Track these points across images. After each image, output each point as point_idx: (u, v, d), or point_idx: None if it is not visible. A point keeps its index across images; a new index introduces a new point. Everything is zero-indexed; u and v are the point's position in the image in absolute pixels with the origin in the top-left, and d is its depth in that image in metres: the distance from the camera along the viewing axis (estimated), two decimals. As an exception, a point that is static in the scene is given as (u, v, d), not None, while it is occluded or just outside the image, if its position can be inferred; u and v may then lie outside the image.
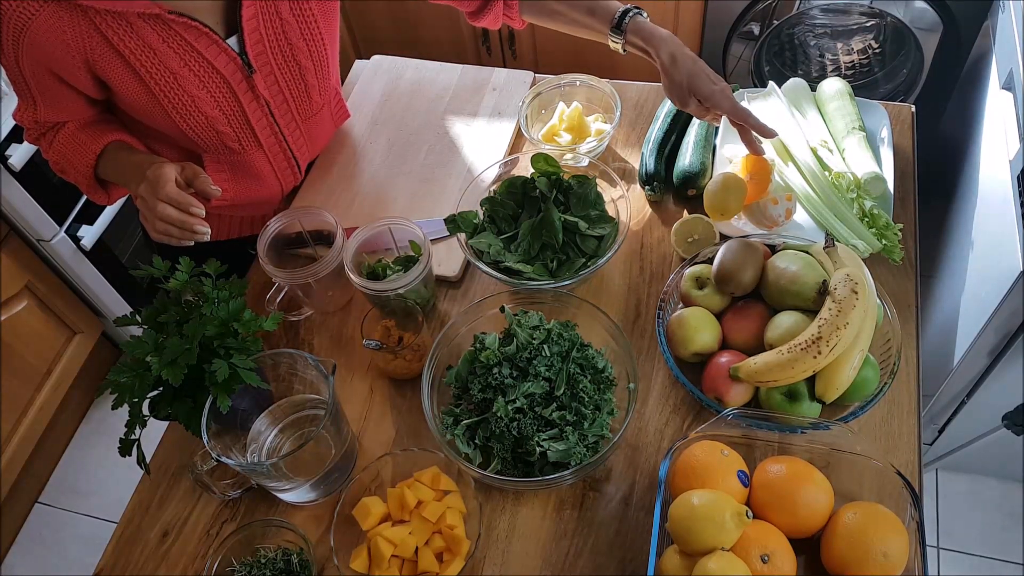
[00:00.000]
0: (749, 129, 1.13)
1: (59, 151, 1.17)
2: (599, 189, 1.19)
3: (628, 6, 1.20)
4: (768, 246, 1.10)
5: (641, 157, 1.29)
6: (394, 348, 1.10)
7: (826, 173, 1.19)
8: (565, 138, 1.33)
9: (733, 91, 1.33)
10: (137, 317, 1.04)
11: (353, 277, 1.10)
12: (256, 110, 1.18)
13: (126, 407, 0.97)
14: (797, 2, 1.98)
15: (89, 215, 2.00)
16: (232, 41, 1.11)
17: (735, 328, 1.06)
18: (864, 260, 1.07)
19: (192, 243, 1.05)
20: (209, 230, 1.04)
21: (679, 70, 1.13)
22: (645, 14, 1.20)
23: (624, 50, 1.21)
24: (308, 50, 1.18)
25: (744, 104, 1.29)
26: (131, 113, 1.15)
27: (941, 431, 1.76)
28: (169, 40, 1.05)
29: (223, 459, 0.94)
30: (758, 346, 1.04)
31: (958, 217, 1.75)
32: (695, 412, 1.07)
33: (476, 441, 1.00)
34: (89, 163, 1.15)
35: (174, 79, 1.08)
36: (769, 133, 1.13)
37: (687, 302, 1.10)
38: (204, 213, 1.03)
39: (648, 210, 1.28)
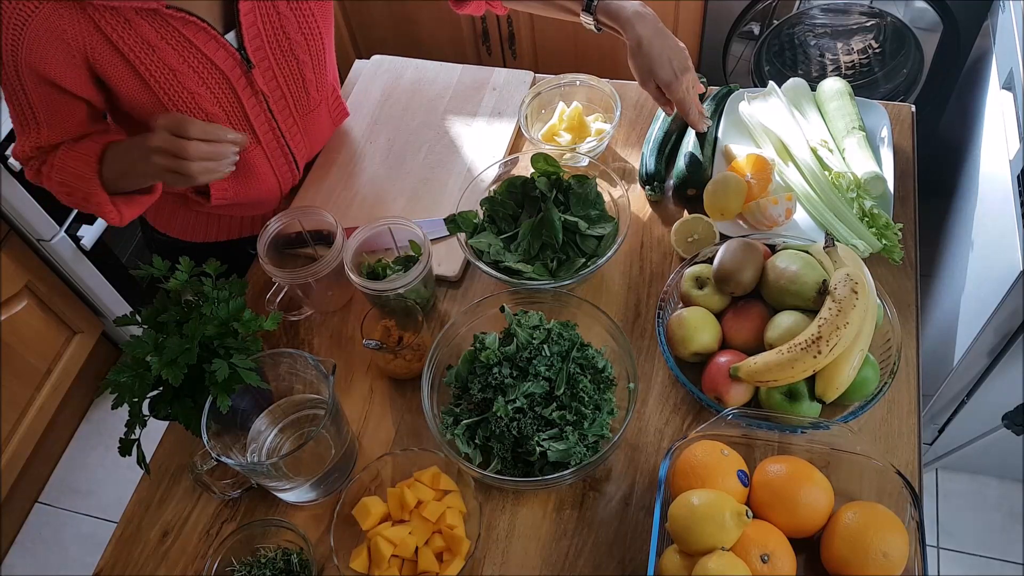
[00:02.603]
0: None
1: (60, 167, 1.12)
2: (599, 189, 1.19)
3: None
4: (768, 246, 1.10)
5: (641, 157, 1.29)
6: (394, 348, 1.10)
7: (826, 173, 1.19)
8: (565, 138, 1.33)
9: (732, 91, 1.34)
10: (137, 317, 1.03)
11: (353, 277, 1.10)
12: (255, 106, 1.18)
13: (126, 407, 0.97)
14: (797, 2, 1.98)
15: (89, 215, 2.00)
16: (230, 36, 1.11)
17: (735, 328, 1.06)
18: (864, 260, 1.07)
19: (233, 168, 1.05)
20: (244, 136, 1.04)
21: (642, 54, 1.15)
22: None
23: (599, 29, 1.22)
24: (306, 44, 1.18)
25: (743, 103, 1.30)
26: (133, 114, 1.15)
27: (941, 431, 1.76)
28: (167, 36, 1.05)
29: (223, 459, 0.94)
30: (758, 346, 1.04)
31: (958, 217, 1.75)
32: (695, 412, 1.07)
33: (476, 441, 1.00)
34: (93, 169, 1.11)
35: (173, 76, 1.08)
36: (698, 128, 1.19)
37: (687, 302, 1.10)
38: (231, 131, 1.03)
39: (648, 210, 1.28)
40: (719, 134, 1.30)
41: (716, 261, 1.07)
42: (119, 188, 1.14)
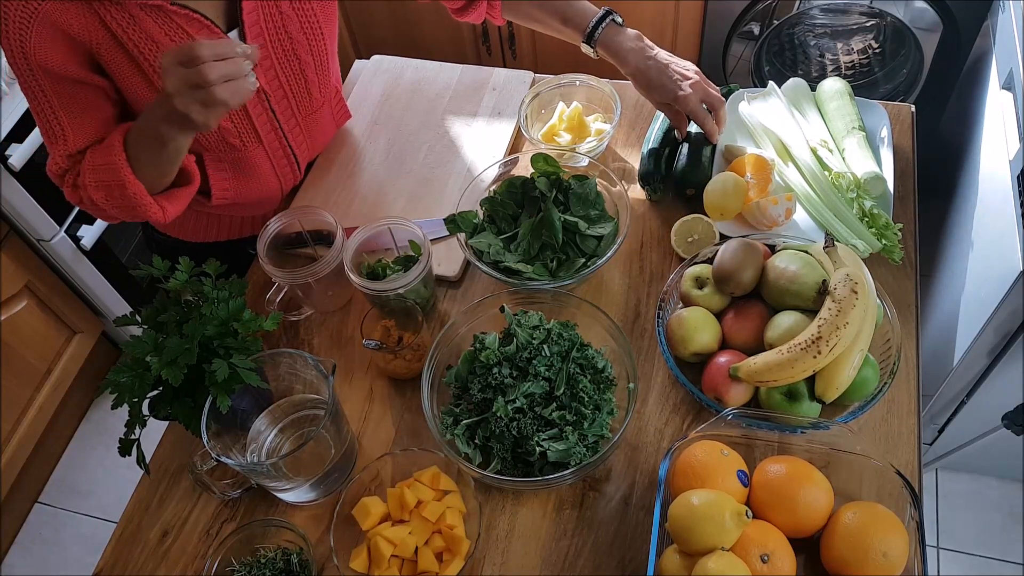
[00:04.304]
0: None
1: (91, 168, 1.07)
2: (599, 189, 1.19)
3: (600, 14, 1.24)
4: (768, 246, 1.10)
5: (641, 157, 1.29)
6: (394, 348, 1.10)
7: (826, 173, 1.19)
8: (565, 138, 1.33)
9: (732, 91, 1.34)
10: (137, 317, 1.04)
11: (353, 277, 1.10)
12: (256, 104, 1.18)
13: (126, 407, 0.97)
14: (797, 2, 1.98)
15: (89, 215, 2.00)
16: (232, 35, 1.11)
17: (735, 328, 1.06)
18: (864, 260, 1.07)
19: (256, 86, 0.95)
20: (255, 47, 0.95)
21: (641, 84, 1.24)
22: (620, 19, 1.25)
23: (597, 56, 1.28)
24: (308, 44, 1.18)
25: (743, 104, 1.30)
26: (136, 109, 1.14)
27: (941, 431, 1.76)
28: (171, 33, 1.05)
29: (223, 459, 0.94)
30: (758, 346, 1.04)
31: (958, 217, 1.75)
32: (695, 412, 1.07)
33: (476, 441, 1.00)
34: (120, 156, 1.04)
35: None
36: (712, 140, 1.24)
37: (687, 302, 1.10)
38: (238, 43, 0.95)
39: (648, 210, 1.28)
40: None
41: (716, 261, 1.07)
42: (155, 176, 1.08)
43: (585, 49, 1.27)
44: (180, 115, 0.94)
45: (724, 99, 1.24)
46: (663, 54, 1.23)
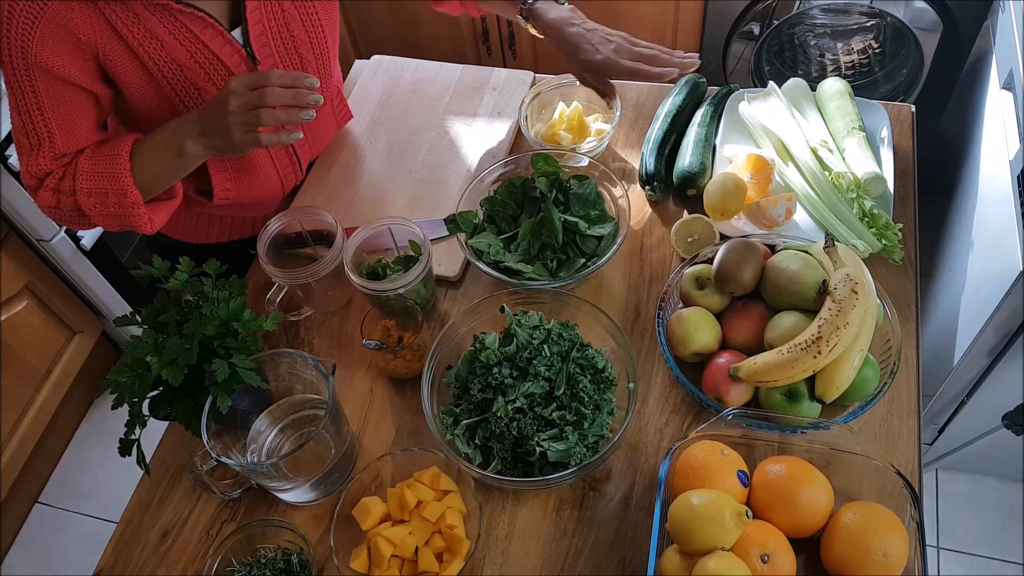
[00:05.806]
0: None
1: (88, 172, 1.07)
2: (599, 189, 1.19)
3: None
4: (768, 246, 1.10)
5: (641, 157, 1.29)
6: (394, 348, 1.10)
7: (826, 173, 1.19)
8: (565, 138, 1.33)
9: (732, 91, 1.33)
10: (137, 317, 1.04)
11: (353, 277, 1.10)
12: None
13: (126, 407, 0.97)
14: (797, 2, 1.98)
15: (89, 215, 2.00)
16: (236, 33, 1.12)
17: (735, 328, 1.06)
18: (864, 260, 1.07)
19: (312, 116, 0.99)
20: (317, 79, 0.99)
21: (566, 55, 1.18)
22: None
23: (535, 31, 1.22)
24: (310, 43, 1.18)
25: (743, 104, 1.30)
26: (138, 109, 1.14)
27: (941, 431, 1.76)
28: (175, 31, 1.05)
29: (223, 459, 0.94)
30: (758, 346, 1.04)
31: (958, 217, 1.75)
32: (695, 412, 1.07)
33: (476, 441, 1.00)
34: (125, 166, 1.06)
35: (180, 71, 1.08)
36: (660, 79, 1.11)
37: (687, 302, 1.10)
38: (306, 75, 1.00)
39: (648, 210, 1.28)
40: (719, 135, 1.30)
41: (716, 261, 1.07)
42: (151, 187, 1.10)
43: (520, 22, 1.22)
44: (222, 133, 1.00)
45: (656, 49, 1.14)
46: (591, 24, 1.18)
